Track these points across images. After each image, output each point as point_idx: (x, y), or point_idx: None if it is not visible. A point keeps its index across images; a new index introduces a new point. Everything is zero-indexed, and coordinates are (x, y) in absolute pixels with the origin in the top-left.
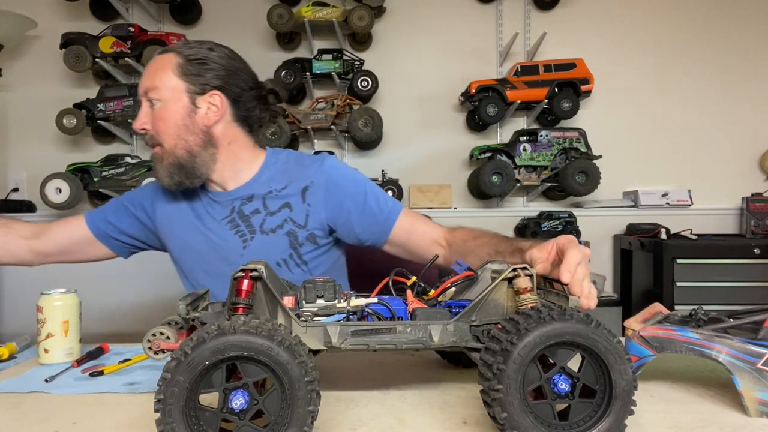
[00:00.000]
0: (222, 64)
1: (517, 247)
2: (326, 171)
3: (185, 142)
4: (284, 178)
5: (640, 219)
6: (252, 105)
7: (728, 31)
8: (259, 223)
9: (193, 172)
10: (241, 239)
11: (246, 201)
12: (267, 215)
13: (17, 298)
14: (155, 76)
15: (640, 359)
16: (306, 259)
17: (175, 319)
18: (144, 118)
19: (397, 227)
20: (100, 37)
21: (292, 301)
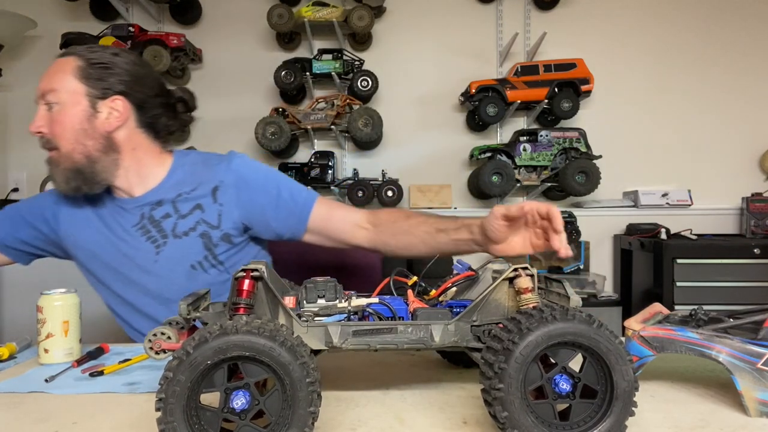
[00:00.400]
0: (126, 69)
1: (464, 223)
2: (235, 169)
3: (84, 146)
4: (193, 180)
5: (640, 219)
6: (158, 112)
7: (728, 31)
8: (170, 227)
9: (92, 178)
10: (153, 245)
11: (155, 206)
12: (179, 218)
13: (17, 298)
14: (54, 78)
15: (640, 359)
16: (221, 259)
17: (176, 319)
18: (40, 121)
19: (314, 216)
20: (100, 37)
21: (293, 301)
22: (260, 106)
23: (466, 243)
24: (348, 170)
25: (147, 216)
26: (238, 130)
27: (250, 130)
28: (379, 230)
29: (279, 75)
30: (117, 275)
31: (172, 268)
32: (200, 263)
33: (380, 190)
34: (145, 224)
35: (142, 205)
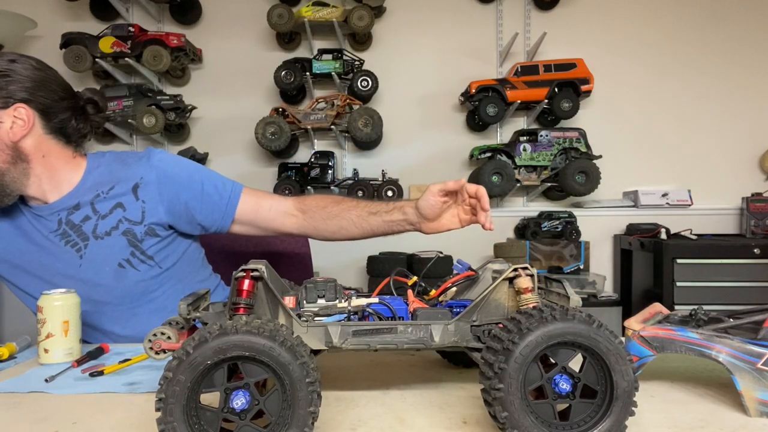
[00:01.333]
0: (27, 75)
1: (396, 206)
2: (156, 165)
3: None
4: (110, 179)
5: (640, 219)
6: (66, 116)
7: (728, 31)
8: (91, 229)
9: (3, 190)
10: (74, 249)
11: (72, 210)
12: (99, 219)
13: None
14: None
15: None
16: (150, 254)
17: (176, 319)
18: None
19: (241, 208)
20: (100, 37)
21: (293, 301)
22: (260, 106)
23: (399, 224)
24: (348, 170)
25: (65, 221)
26: (238, 130)
27: (250, 130)
28: (308, 216)
29: (279, 75)
30: (41, 283)
31: (98, 270)
32: (128, 260)
33: (380, 190)
34: (64, 230)
35: (58, 210)
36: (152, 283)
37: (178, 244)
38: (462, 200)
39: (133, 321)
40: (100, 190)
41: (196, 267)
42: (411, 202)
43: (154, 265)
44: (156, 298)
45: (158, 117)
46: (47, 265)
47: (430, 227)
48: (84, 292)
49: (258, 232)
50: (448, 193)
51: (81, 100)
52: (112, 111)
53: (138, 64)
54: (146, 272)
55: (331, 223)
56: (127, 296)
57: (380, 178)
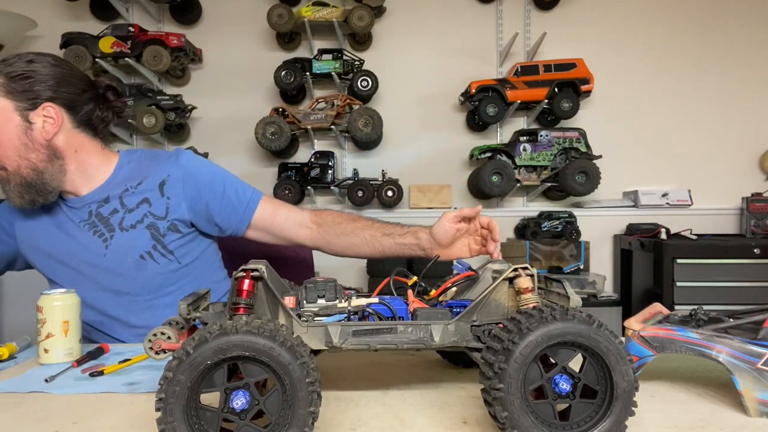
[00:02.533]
0: (47, 73)
1: (410, 230)
2: (183, 164)
3: (28, 161)
4: (139, 175)
5: (640, 219)
6: (90, 107)
7: (728, 32)
8: (117, 221)
9: (45, 188)
10: (101, 240)
11: (102, 203)
12: (126, 213)
13: (17, 298)
14: None
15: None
16: (171, 249)
17: (176, 319)
18: None
19: (258, 214)
20: (100, 37)
21: (293, 301)
22: (260, 106)
23: (411, 247)
24: (348, 170)
25: (95, 213)
26: (238, 130)
27: (250, 130)
28: (322, 230)
29: (279, 75)
30: (68, 271)
31: (121, 260)
32: (149, 253)
33: (380, 190)
34: (93, 221)
35: (90, 203)
36: (170, 277)
37: (198, 242)
38: (475, 230)
39: (148, 312)
40: (129, 185)
41: (212, 268)
42: (425, 228)
43: (173, 259)
44: (172, 292)
45: (158, 117)
46: (75, 254)
47: (442, 254)
48: (106, 281)
49: (271, 239)
50: (462, 220)
51: (100, 89)
52: None
53: (138, 64)
54: (165, 266)
55: (343, 239)
56: (145, 287)
57: (380, 178)
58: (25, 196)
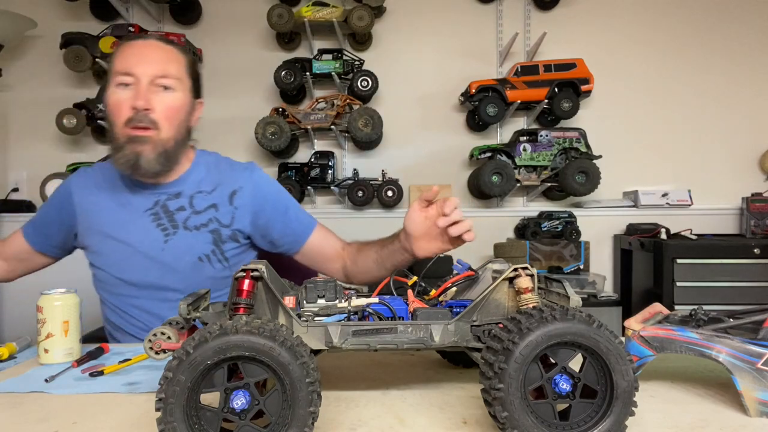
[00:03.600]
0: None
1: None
2: (255, 179)
3: (179, 134)
4: (213, 180)
5: (640, 219)
6: None
7: (728, 31)
8: (183, 219)
9: (172, 163)
10: (162, 233)
11: (172, 197)
12: (192, 213)
13: (17, 298)
14: (169, 65)
15: (640, 359)
16: (227, 256)
17: (176, 319)
18: (151, 100)
19: (311, 240)
20: (100, 37)
21: (293, 301)
22: (260, 106)
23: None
24: (348, 170)
25: (161, 204)
26: (238, 130)
27: (250, 130)
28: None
29: (279, 75)
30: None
31: (179, 258)
32: (207, 256)
33: (380, 190)
34: (157, 211)
35: (161, 192)
36: (220, 282)
37: (249, 254)
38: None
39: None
40: (203, 188)
41: None
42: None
43: (227, 266)
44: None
45: None
46: (133, 241)
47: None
48: (158, 275)
49: (313, 265)
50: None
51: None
52: None
53: None
54: (219, 271)
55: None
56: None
57: (380, 178)
58: (157, 161)
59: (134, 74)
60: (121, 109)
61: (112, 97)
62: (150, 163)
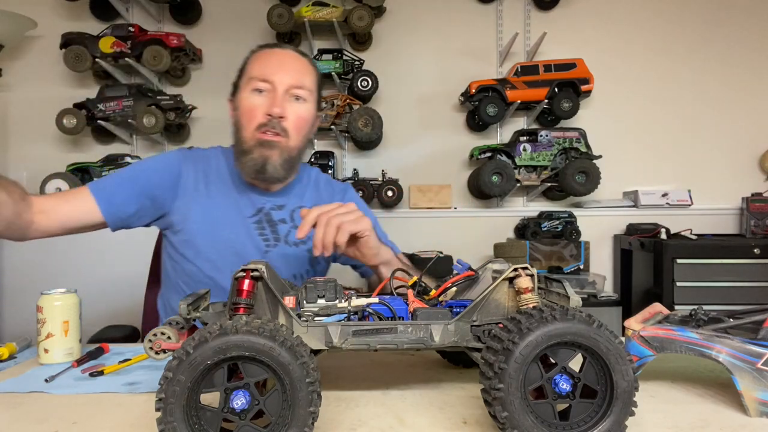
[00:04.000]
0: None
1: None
2: (348, 199)
3: (303, 144)
4: (313, 197)
5: (640, 219)
6: None
7: (728, 31)
8: (284, 232)
9: (292, 170)
10: (264, 242)
11: (276, 207)
12: (293, 227)
13: (17, 298)
14: (304, 76)
15: (640, 359)
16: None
17: (176, 319)
18: (287, 108)
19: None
20: (100, 37)
21: (293, 301)
22: None
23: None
24: (348, 170)
25: (265, 212)
26: None
27: None
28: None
29: None
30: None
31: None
32: (301, 275)
33: (380, 190)
34: (260, 219)
35: (266, 200)
36: None
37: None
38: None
39: None
40: (304, 204)
41: None
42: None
43: None
44: None
45: (158, 117)
46: (236, 244)
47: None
48: None
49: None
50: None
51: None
52: (111, 111)
53: (138, 64)
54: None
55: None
56: None
57: (380, 178)
58: (282, 167)
59: (272, 82)
60: (255, 114)
61: (246, 102)
62: (276, 168)
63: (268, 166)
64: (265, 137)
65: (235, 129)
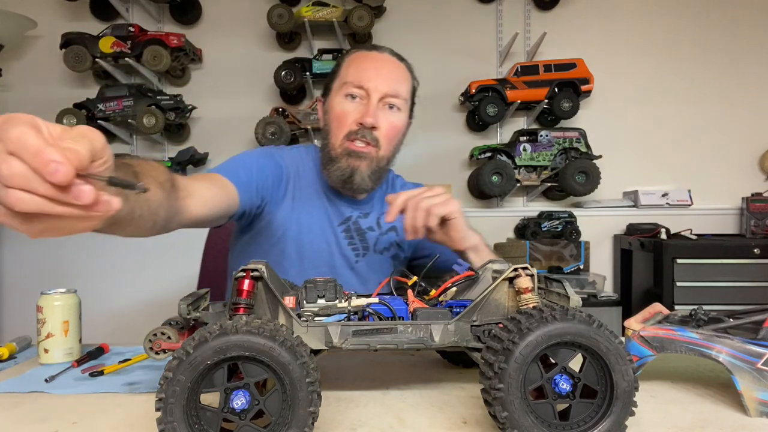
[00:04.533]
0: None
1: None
2: None
3: (392, 154)
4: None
5: (640, 219)
6: None
7: (728, 31)
8: (373, 241)
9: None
10: (353, 252)
11: (363, 215)
12: (380, 235)
13: (17, 298)
14: (400, 84)
15: (640, 359)
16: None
17: (176, 319)
18: (380, 117)
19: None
20: (100, 37)
21: (293, 301)
22: (260, 106)
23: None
24: None
25: (353, 221)
26: (238, 130)
27: (250, 130)
28: None
29: (279, 75)
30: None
31: (364, 281)
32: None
33: None
34: (349, 227)
35: (354, 208)
36: None
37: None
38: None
39: None
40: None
41: None
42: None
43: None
44: None
45: (158, 117)
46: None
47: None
48: None
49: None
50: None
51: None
52: (112, 111)
53: (138, 64)
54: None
55: None
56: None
57: None
58: (370, 178)
59: (366, 89)
60: (346, 121)
61: (339, 107)
62: (364, 179)
63: (356, 177)
64: (354, 147)
65: (324, 133)
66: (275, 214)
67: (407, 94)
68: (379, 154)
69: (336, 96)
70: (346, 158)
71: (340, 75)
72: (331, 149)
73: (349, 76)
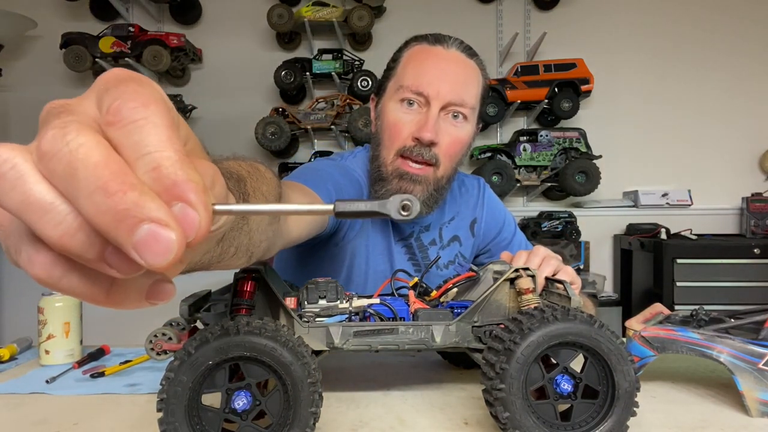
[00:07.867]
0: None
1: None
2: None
3: (453, 170)
4: (452, 208)
5: (640, 219)
6: None
7: (728, 31)
8: (435, 255)
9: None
10: (414, 268)
11: (424, 229)
12: (441, 248)
13: (18, 299)
14: (467, 89)
15: (641, 359)
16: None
17: (177, 320)
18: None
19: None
20: (100, 37)
21: (294, 302)
22: (260, 106)
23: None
24: None
25: (415, 237)
26: (238, 130)
27: (250, 130)
28: None
29: (279, 75)
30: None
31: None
32: None
33: None
34: (411, 244)
35: (416, 224)
36: None
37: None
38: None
39: None
40: (444, 219)
41: None
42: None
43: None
44: None
45: None
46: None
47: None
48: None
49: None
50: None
51: None
52: None
53: (138, 64)
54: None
55: None
56: None
57: None
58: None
59: (426, 95)
60: (400, 133)
61: (392, 115)
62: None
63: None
64: (407, 168)
65: (375, 142)
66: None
67: (475, 100)
68: (437, 175)
69: (390, 100)
70: (397, 180)
71: (397, 74)
72: (382, 165)
73: (407, 77)
